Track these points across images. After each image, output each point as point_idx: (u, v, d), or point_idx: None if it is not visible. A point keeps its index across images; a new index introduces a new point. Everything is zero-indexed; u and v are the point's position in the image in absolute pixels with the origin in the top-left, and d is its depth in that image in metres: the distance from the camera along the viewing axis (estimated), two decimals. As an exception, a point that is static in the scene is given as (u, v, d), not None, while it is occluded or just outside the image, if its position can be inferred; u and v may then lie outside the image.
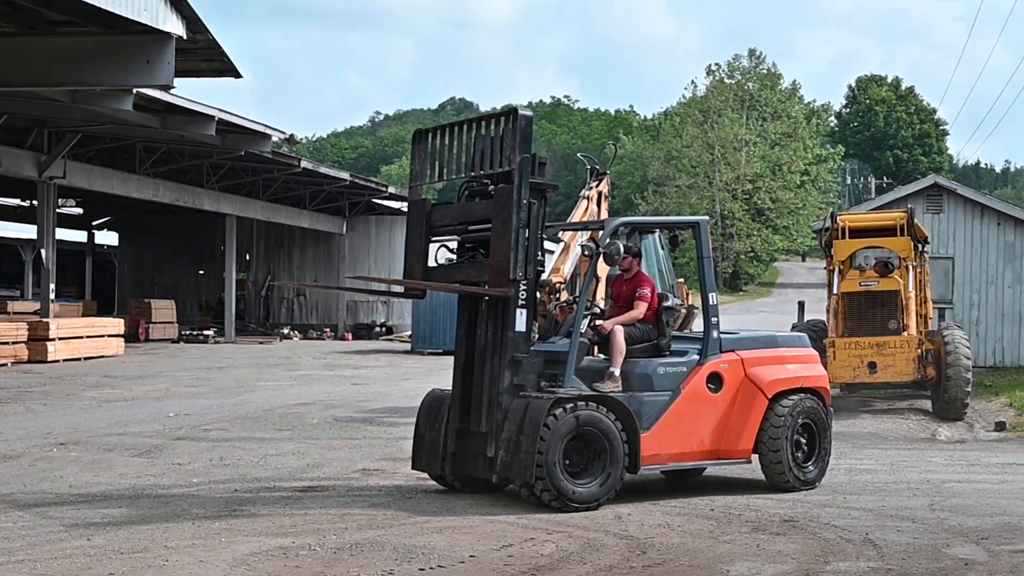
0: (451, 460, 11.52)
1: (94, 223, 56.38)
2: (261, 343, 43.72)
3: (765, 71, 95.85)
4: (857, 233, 22.22)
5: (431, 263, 12.04)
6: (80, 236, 56.69)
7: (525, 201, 10.95)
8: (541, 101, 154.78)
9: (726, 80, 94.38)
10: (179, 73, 18.93)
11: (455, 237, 11.96)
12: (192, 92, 29.60)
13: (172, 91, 23.04)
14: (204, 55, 19.83)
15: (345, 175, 45.72)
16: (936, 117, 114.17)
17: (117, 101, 23.25)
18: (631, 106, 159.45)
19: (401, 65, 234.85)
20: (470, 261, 11.68)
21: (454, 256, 12.02)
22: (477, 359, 11.42)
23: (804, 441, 12.45)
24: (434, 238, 12.04)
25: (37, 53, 18.85)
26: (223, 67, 20.58)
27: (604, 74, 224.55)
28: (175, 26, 18.00)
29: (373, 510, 10.89)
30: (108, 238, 58.87)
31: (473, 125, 11.59)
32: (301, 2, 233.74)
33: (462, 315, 11.69)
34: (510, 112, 11.13)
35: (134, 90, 22.59)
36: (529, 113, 11.15)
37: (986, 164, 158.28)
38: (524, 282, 10.96)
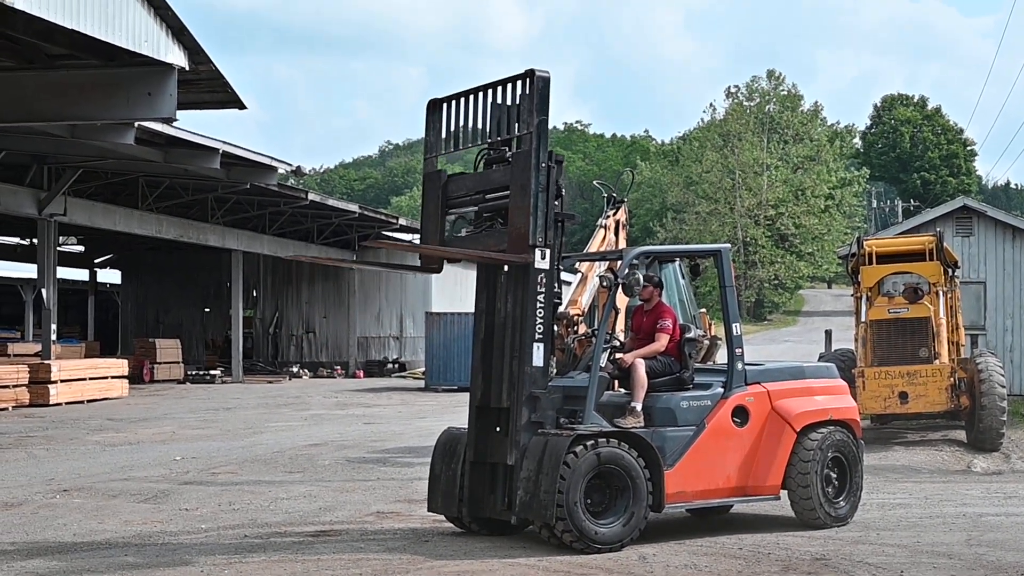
0: (468, 502, 11.48)
1: (96, 261, 56.50)
2: (270, 382, 43.74)
3: (785, 92, 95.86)
4: (885, 258, 22.15)
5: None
6: (82, 275, 56.82)
7: (544, 164, 10.94)
8: (555, 127, 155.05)
9: (745, 103, 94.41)
10: (182, 105, 19.00)
11: (473, 208, 11.91)
12: (195, 124, 29.87)
13: (175, 124, 23.09)
14: (207, 86, 19.91)
15: (354, 207, 45.85)
16: (964, 137, 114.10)
17: (118, 135, 23.32)
18: (647, 131, 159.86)
19: (411, 93, 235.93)
20: (488, 231, 11.64)
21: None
22: (497, 334, 11.41)
23: (835, 476, 12.39)
24: (451, 210, 12.01)
25: (36, 87, 18.93)
26: (227, 98, 20.65)
27: (619, 98, 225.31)
28: (177, 57, 18.08)
29: (388, 555, 10.85)
30: (111, 276, 59.03)
31: (489, 91, 11.52)
32: (306, 30, 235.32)
33: (480, 290, 11.68)
34: (527, 73, 11.07)
35: (136, 124, 22.68)
36: (547, 73, 11.05)
37: (1016, 185, 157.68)
38: (543, 250, 10.95)
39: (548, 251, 11.02)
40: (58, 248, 36.27)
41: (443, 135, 11.92)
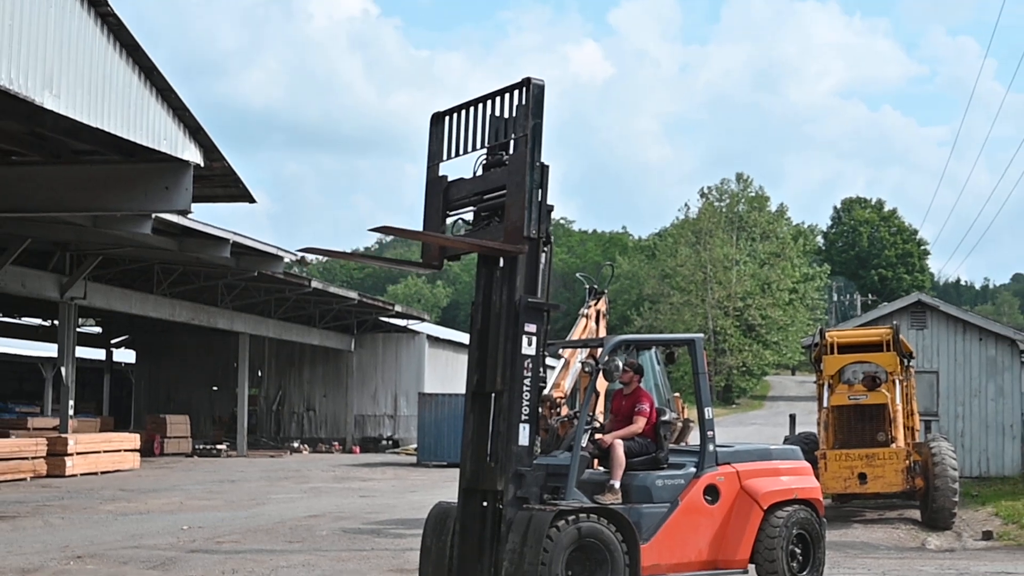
0: (457, 572, 11.38)
1: (112, 341, 56.44)
2: (272, 456, 43.54)
3: (753, 194, 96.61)
4: (845, 349, 22.22)
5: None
6: (99, 354, 56.71)
7: (538, 164, 11.02)
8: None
9: (716, 203, 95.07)
10: (196, 199, 19.07)
11: (472, 208, 11.88)
12: (208, 216, 29.91)
13: (189, 216, 23.20)
14: (220, 181, 20.01)
15: (353, 295, 45.93)
16: (918, 237, 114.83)
17: (136, 225, 23.39)
18: (624, 227, 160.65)
19: (408, 189, 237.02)
20: (485, 229, 11.63)
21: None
22: (492, 323, 11.35)
23: (799, 551, 12.32)
24: (451, 212, 11.98)
25: (61, 180, 19.00)
26: (238, 193, 20.75)
27: (601, 197, 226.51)
28: (193, 154, 18.19)
29: (381, 621, 10.75)
30: (126, 356, 58.94)
31: (488, 101, 11.56)
32: (315, 130, 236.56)
33: (479, 282, 11.62)
34: (523, 82, 11.15)
35: (153, 215, 22.75)
36: (542, 81, 11.13)
37: (967, 281, 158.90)
38: (538, 237, 11.03)
39: (535, 337, 11.05)
40: (77, 329, 36.22)
41: (445, 144, 11.98)
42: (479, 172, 11.73)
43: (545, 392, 13.79)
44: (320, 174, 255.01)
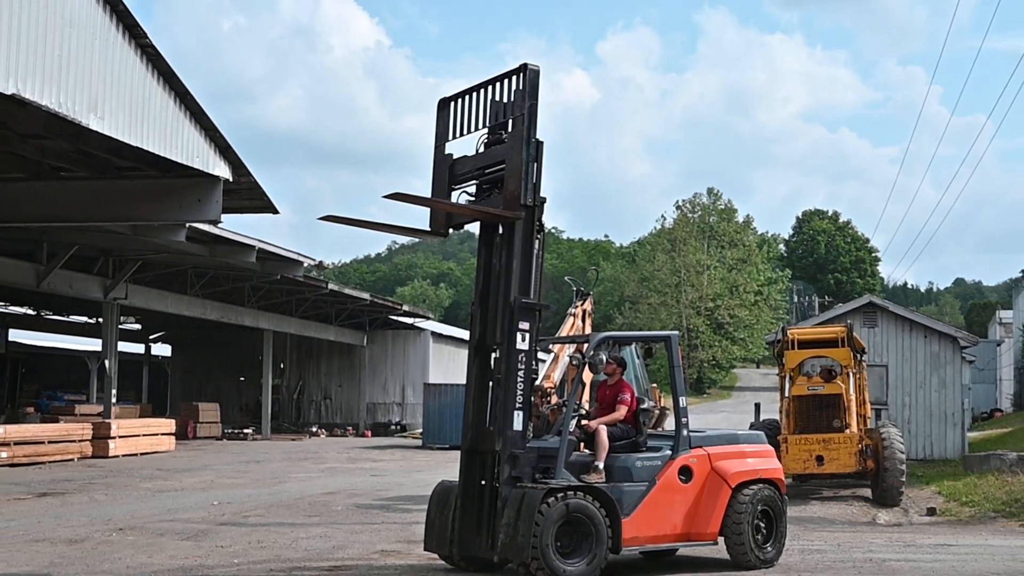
0: (458, 543, 11.40)
1: (151, 337, 56.30)
2: (293, 440, 43.46)
3: (723, 206, 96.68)
4: (804, 345, 22.23)
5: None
6: (138, 348, 56.59)
7: (533, 140, 11.09)
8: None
9: (690, 214, 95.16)
10: (226, 210, 19.02)
11: (474, 182, 11.94)
12: (236, 225, 29.80)
13: (219, 225, 23.15)
14: (247, 195, 19.96)
15: (366, 295, 45.89)
16: (870, 245, 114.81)
17: (172, 234, 23.34)
18: (606, 235, 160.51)
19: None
20: (487, 199, 11.71)
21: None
22: (492, 284, 11.49)
23: (763, 525, 12.33)
24: (455, 186, 12.01)
25: (105, 194, 18.96)
26: (263, 205, 20.69)
27: (587, 209, 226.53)
28: (223, 171, 18.16)
29: (390, 587, 10.74)
30: (162, 350, 58.85)
31: (488, 86, 11.64)
32: (333, 149, 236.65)
33: (480, 248, 11.75)
34: (521, 67, 11.25)
35: (187, 224, 22.71)
36: (537, 67, 11.23)
37: (913, 285, 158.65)
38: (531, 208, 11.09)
39: (528, 334, 11.07)
40: (119, 326, 36.15)
41: (450, 126, 11.99)
42: (481, 150, 11.81)
43: (537, 383, 13.79)
44: (337, 188, 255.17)
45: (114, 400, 33.43)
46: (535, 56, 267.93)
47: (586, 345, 12.54)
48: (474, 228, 12.13)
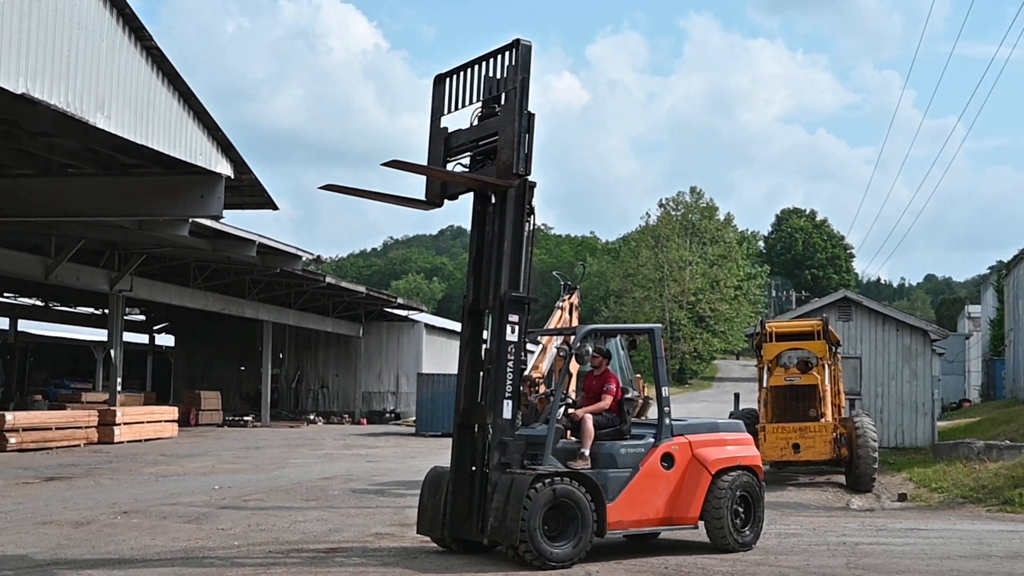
0: (450, 526, 11.40)
1: (155, 328, 56.30)
2: (291, 427, 43.42)
3: (704, 204, 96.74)
4: (782, 337, 22.25)
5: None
6: (143, 338, 56.56)
7: (525, 113, 11.09)
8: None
9: (673, 212, 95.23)
10: (227, 206, 19.03)
11: (468, 154, 11.93)
12: (237, 220, 29.56)
13: (221, 220, 23.12)
14: (248, 192, 19.95)
15: (362, 289, 45.83)
16: (845, 242, 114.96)
17: (176, 228, 23.33)
18: (592, 232, 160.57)
19: (410, 195, 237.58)
20: (480, 169, 11.69)
21: None
22: (485, 250, 11.50)
23: (742, 510, 12.35)
24: (450, 158, 12.01)
25: (111, 190, 18.95)
26: (263, 201, 20.69)
27: (575, 206, 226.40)
28: (225, 168, 18.14)
29: (385, 568, 10.74)
30: (166, 340, 58.79)
31: (482, 62, 11.60)
32: (333, 148, 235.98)
33: (474, 217, 11.74)
34: (513, 43, 11.23)
35: (190, 220, 22.68)
36: (529, 42, 11.22)
37: (886, 280, 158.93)
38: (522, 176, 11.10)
39: (518, 326, 11.08)
40: (124, 317, 36.07)
41: (445, 101, 11.97)
42: (475, 123, 11.79)
43: (526, 373, 13.80)
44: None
45: (119, 388, 33.38)
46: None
47: (573, 337, 12.54)
48: (466, 223, 12.10)
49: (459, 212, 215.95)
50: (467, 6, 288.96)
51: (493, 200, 11.50)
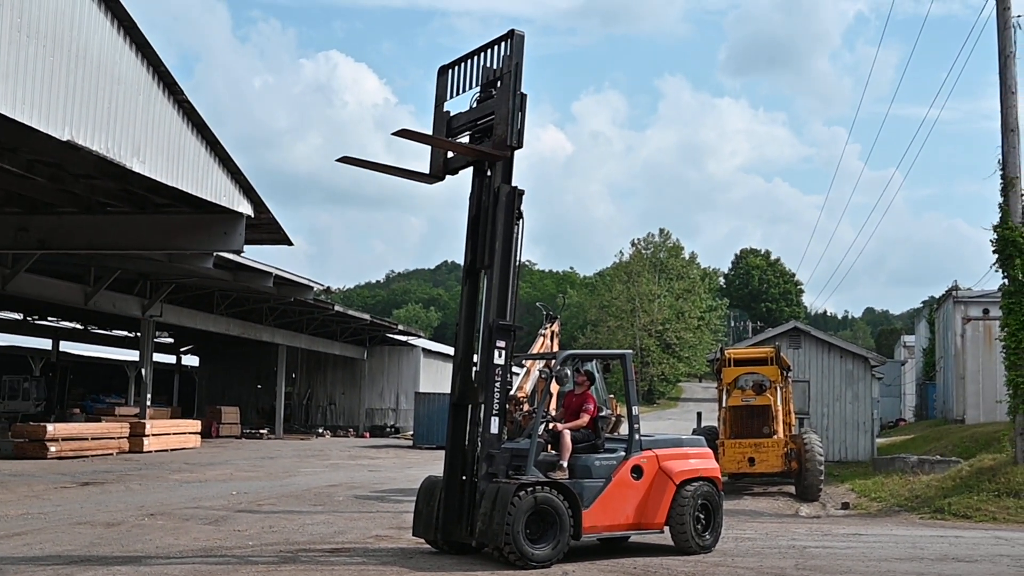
0: (442, 529, 11.35)
1: (181, 349, 56.11)
2: (302, 439, 43.22)
3: (672, 244, 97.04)
4: (739, 363, 22.27)
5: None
6: (171, 359, 56.40)
7: (518, 93, 11.17)
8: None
9: (643, 251, 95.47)
10: (248, 241, 18.98)
11: (468, 132, 11.94)
12: (257, 255, 29.69)
13: (242, 255, 23.09)
14: (266, 229, 19.90)
15: (366, 316, 45.79)
16: (795, 279, 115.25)
17: (201, 261, 23.29)
18: (572, 267, 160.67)
19: (412, 236, 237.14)
20: (478, 145, 11.67)
21: None
22: (482, 215, 11.45)
23: (703, 516, 12.32)
24: (451, 137, 11.99)
25: (144, 226, 18.89)
26: (280, 238, 20.64)
27: (557, 244, 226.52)
28: (246, 208, 18.11)
29: (384, 566, 10.68)
30: (191, 360, 58.60)
31: (481, 53, 11.66)
32: (345, 191, 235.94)
33: (473, 187, 11.68)
34: (508, 33, 11.34)
35: (214, 253, 22.64)
36: (522, 32, 11.34)
37: (831, 313, 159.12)
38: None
39: (504, 351, 11.07)
40: (154, 340, 35.94)
41: (448, 88, 12.02)
42: (473, 105, 11.87)
43: (511, 393, 13.78)
44: (346, 224, 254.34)
45: (149, 403, 33.24)
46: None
47: (554, 361, 12.55)
48: (459, 257, 12.08)
49: (454, 250, 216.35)
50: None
51: (489, 173, 11.55)
